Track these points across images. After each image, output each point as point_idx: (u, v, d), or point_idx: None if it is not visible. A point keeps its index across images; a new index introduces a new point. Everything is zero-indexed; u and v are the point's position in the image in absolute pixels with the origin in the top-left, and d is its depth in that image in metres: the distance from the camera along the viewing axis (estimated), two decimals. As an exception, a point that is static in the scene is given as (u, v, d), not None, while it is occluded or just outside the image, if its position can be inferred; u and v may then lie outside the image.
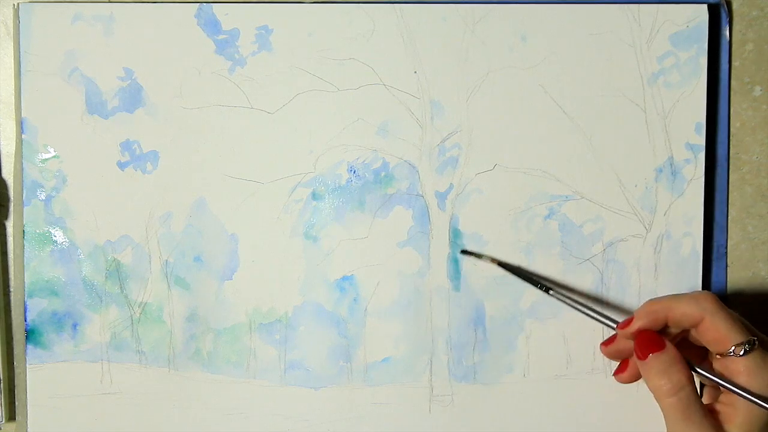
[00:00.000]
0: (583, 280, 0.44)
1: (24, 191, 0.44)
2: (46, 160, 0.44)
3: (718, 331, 0.37)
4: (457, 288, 0.44)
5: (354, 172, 0.44)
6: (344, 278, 0.44)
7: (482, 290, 0.44)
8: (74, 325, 0.44)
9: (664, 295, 0.40)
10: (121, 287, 0.44)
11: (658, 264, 0.44)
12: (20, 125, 0.43)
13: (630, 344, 0.40)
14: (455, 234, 0.44)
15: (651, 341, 0.38)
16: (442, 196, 0.44)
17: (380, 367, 0.44)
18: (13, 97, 0.44)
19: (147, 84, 0.44)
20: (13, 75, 0.44)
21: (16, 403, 0.45)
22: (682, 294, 0.39)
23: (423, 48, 0.44)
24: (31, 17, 0.43)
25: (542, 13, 0.44)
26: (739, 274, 0.46)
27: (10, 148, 0.44)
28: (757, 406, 0.36)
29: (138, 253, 0.44)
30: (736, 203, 0.45)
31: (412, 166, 0.44)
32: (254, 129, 0.44)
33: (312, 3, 0.44)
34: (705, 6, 0.43)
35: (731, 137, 0.45)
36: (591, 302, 0.44)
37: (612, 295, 0.44)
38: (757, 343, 0.37)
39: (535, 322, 0.45)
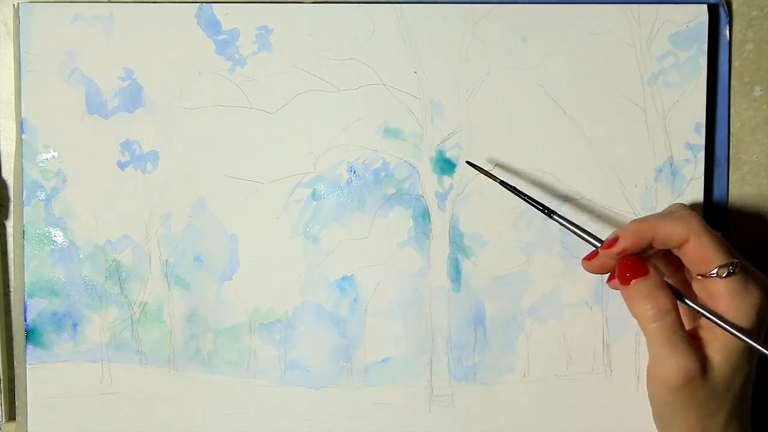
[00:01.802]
0: (583, 280, 0.44)
1: (24, 191, 0.44)
2: (46, 160, 0.44)
3: (702, 251, 0.37)
4: (457, 288, 0.44)
5: (354, 172, 0.44)
6: (344, 278, 0.44)
7: (482, 290, 0.44)
8: (74, 325, 0.44)
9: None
10: (121, 287, 0.44)
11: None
12: (20, 125, 0.43)
13: (612, 261, 0.39)
14: (455, 234, 0.44)
15: (634, 266, 0.38)
16: (442, 197, 0.44)
17: (380, 367, 0.44)
18: (13, 97, 0.44)
19: (147, 84, 0.44)
20: (13, 75, 0.44)
21: (16, 403, 0.45)
22: (668, 213, 0.39)
23: (423, 48, 0.44)
24: (31, 17, 0.43)
25: (542, 13, 0.44)
26: (739, 274, 0.46)
27: (10, 148, 0.44)
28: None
29: (138, 253, 0.44)
30: (736, 203, 0.45)
31: (412, 166, 0.44)
32: (254, 129, 0.44)
33: (312, 3, 0.44)
34: (705, 6, 0.43)
35: (731, 137, 0.45)
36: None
37: (612, 295, 0.44)
38: (739, 266, 0.36)
39: (535, 322, 0.45)
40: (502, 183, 0.42)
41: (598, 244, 0.40)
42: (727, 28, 0.44)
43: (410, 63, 0.44)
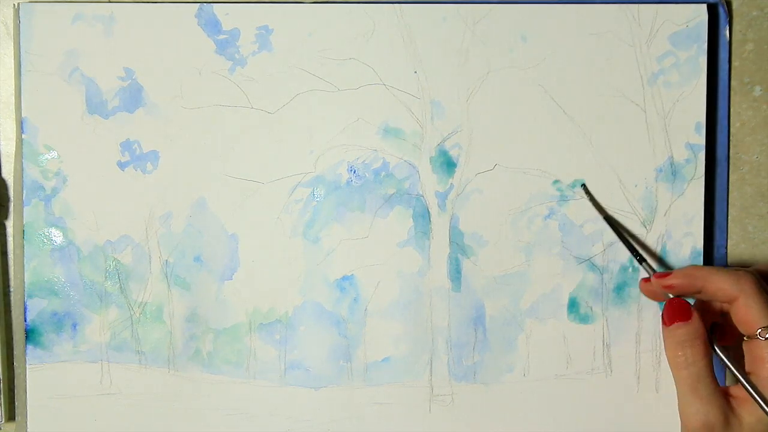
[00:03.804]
0: (584, 280, 0.44)
1: (24, 191, 0.44)
2: (46, 160, 0.44)
3: (748, 312, 0.37)
4: (457, 288, 0.44)
5: (354, 172, 0.44)
6: (344, 278, 0.44)
7: (482, 290, 0.44)
8: (74, 326, 0.44)
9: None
10: (121, 287, 0.44)
11: (658, 264, 0.44)
12: (20, 125, 0.43)
13: (662, 293, 0.41)
14: (455, 234, 0.44)
15: (680, 309, 0.39)
16: (442, 196, 0.44)
17: (380, 367, 0.44)
18: (13, 97, 0.44)
19: (147, 84, 0.44)
20: (13, 75, 0.44)
21: (16, 403, 0.45)
22: (726, 268, 0.40)
23: (423, 48, 0.44)
24: (32, 17, 0.43)
25: (542, 13, 0.44)
26: (739, 274, 0.46)
27: (10, 148, 0.44)
28: None
29: (138, 253, 0.44)
30: (736, 203, 0.45)
31: (412, 166, 0.44)
32: (254, 129, 0.44)
33: (312, 3, 0.44)
34: (704, 6, 0.43)
35: (731, 137, 0.45)
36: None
37: (612, 295, 0.44)
38: None
39: (535, 322, 0.44)
40: (607, 218, 0.43)
41: (651, 271, 0.41)
42: (727, 27, 0.44)
43: (410, 63, 0.44)
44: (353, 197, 0.44)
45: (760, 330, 0.37)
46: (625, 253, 0.44)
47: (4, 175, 0.45)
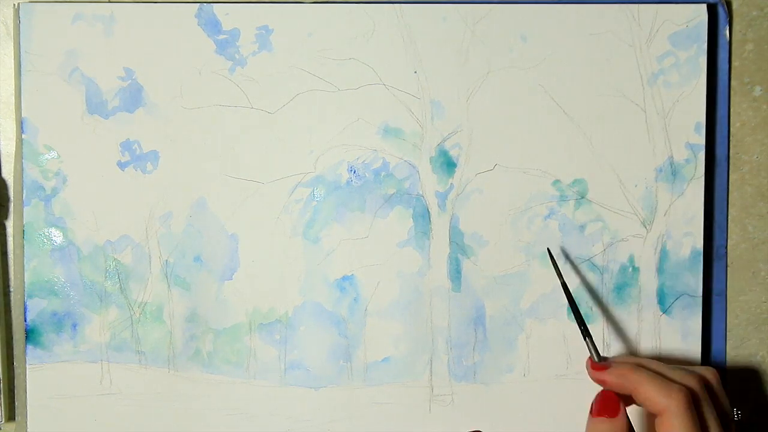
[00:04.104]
0: (584, 280, 0.44)
1: (24, 191, 0.44)
2: (46, 160, 0.44)
3: (670, 430, 0.36)
4: (457, 288, 0.44)
5: (354, 172, 0.44)
6: (344, 278, 0.44)
7: (482, 290, 0.44)
8: (74, 326, 0.44)
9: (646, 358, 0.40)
10: (121, 287, 0.44)
11: (658, 264, 0.44)
12: (20, 125, 0.43)
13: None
14: (455, 234, 0.44)
15: (609, 403, 0.38)
16: (442, 196, 0.44)
17: (380, 367, 0.44)
18: (13, 97, 0.44)
19: (147, 84, 0.44)
20: (13, 75, 0.44)
21: (16, 403, 0.45)
22: (661, 378, 0.38)
23: (423, 48, 0.44)
24: (32, 17, 0.43)
25: (542, 13, 0.44)
26: (739, 274, 0.46)
27: (10, 148, 0.44)
28: None
29: (138, 253, 0.44)
30: (736, 203, 0.45)
31: (412, 166, 0.44)
32: (254, 129, 0.44)
33: (312, 3, 0.44)
34: (704, 6, 0.43)
35: (731, 137, 0.45)
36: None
37: (612, 295, 0.44)
38: None
39: (535, 322, 0.44)
40: (563, 286, 0.42)
41: (595, 359, 0.40)
42: (727, 27, 0.44)
43: (410, 63, 0.44)
44: (353, 197, 0.44)
45: None
46: (625, 253, 0.44)
47: (4, 175, 0.45)
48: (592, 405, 0.39)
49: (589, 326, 0.44)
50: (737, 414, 0.40)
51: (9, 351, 0.45)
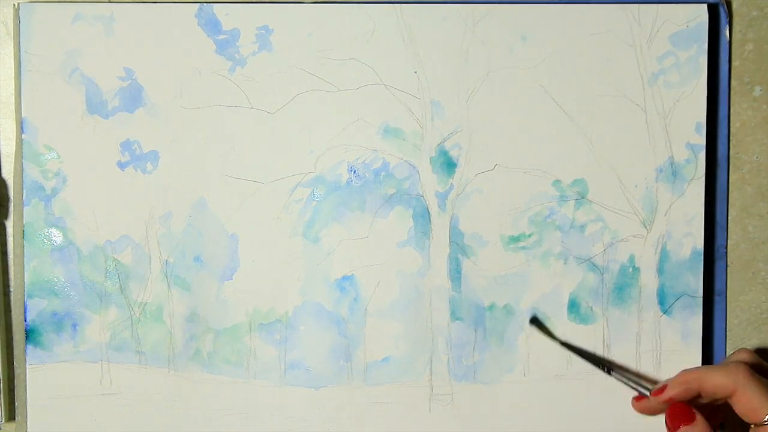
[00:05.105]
0: (584, 280, 0.44)
1: (24, 191, 0.44)
2: (46, 160, 0.44)
3: (750, 402, 0.38)
4: (457, 288, 0.44)
5: (354, 172, 0.44)
6: (344, 278, 0.44)
7: (482, 290, 0.44)
8: (74, 326, 0.44)
9: (696, 366, 0.41)
10: (121, 287, 0.44)
11: (658, 264, 0.44)
12: (20, 125, 0.43)
13: (661, 406, 0.41)
14: (455, 234, 0.44)
15: (682, 414, 0.39)
16: (442, 196, 0.44)
17: (380, 367, 0.44)
18: (13, 97, 0.44)
19: (147, 84, 0.44)
20: (13, 75, 0.44)
21: (16, 403, 0.45)
22: (715, 365, 0.40)
23: (423, 48, 0.44)
24: (32, 17, 0.43)
25: (542, 13, 0.44)
26: (739, 274, 0.46)
27: (10, 148, 0.44)
28: None
29: (138, 253, 0.44)
30: (736, 203, 0.45)
31: (412, 166, 0.44)
32: (254, 129, 0.44)
33: (312, 3, 0.44)
34: (705, 6, 0.43)
35: (731, 137, 0.45)
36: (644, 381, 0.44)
37: (612, 295, 0.44)
38: None
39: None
40: (566, 345, 0.43)
41: (647, 392, 0.41)
42: (727, 28, 0.44)
43: (410, 63, 0.44)
44: (353, 197, 0.44)
45: (765, 417, 0.37)
46: (625, 254, 0.44)
47: (4, 175, 0.45)
48: (666, 423, 0.39)
49: (589, 326, 0.44)
50: None
51: (9, 351, 0.45)
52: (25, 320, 0.44)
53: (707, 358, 0.45)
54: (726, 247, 0.45)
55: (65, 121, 0.44)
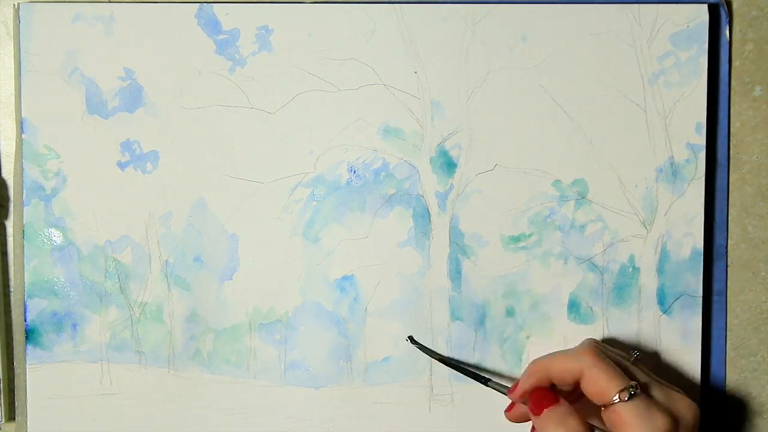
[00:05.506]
0: (584, 280, 0.44)
1: (24, 191, 0.44)
2: (46, 160, 0.44)
3: (597, 382, 0.37)
4: (457, 288, 0.44)
5: (354, 172, 0.44)
6: (344, 278, 0.44)
7: (482, 290, 0.44)
8: (74, 326, 0.44)
9: (549, 353, 0.40)
10: (121, 287, 0.44)
11: (658, 264, 0.44)
12: (20, 125, 0.43)
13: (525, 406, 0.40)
14: (455, 234, 0.44)
15: (544, 397, 0.38)
16: (442, 197, 0.44)
17: (380, 367, 0.44)
18: (13, 97, 0.44)
19: (147, 84, 0.44)
20: (13, 75, 0.44)
21: (16, 403, 0.45)
22: (563, 351, 0.40)
23: (423, 48, 0.44)
24: (32, 17, 0.43)
25: (542, 13, 0.44)
26: (739, 274, 0.46)
27: (10, 148, 0.44)
28: None
29: (138, 253, 0.44)
30: (736, 203, 0.45)
31: (412, 166, 0.44)
32: (254, 129, 0.44)
33: (312, 3, 0.44)
34: (705, 6, 0.43)
35: (731, 137, 0.45)
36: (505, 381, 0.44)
37: (612, 295, 0.44)
38: (639, 388, 0.37)
39: (535, 322, 0.44)
40: (443, 360, 0.43)
41: (505, 392, 0.40)
42: (728, 28, 0.44)
43: (410, 63, 0.44)
44: (353, 197, 0.44)
45: (618, 394, 0.36)
46: (625, 254, 0.44)
47: (4, 175, 0.45)
48: (530, 409, 0.39)
49: (589, 326, 0.44)
50: (635, 354, 0.41)
51: (9, 351, 0.45)
52: (25, 320, 0.44)
53: (707, 358, 0.45)
54: (726, 247, 0.45)
55: (65, 121, 0.44)
